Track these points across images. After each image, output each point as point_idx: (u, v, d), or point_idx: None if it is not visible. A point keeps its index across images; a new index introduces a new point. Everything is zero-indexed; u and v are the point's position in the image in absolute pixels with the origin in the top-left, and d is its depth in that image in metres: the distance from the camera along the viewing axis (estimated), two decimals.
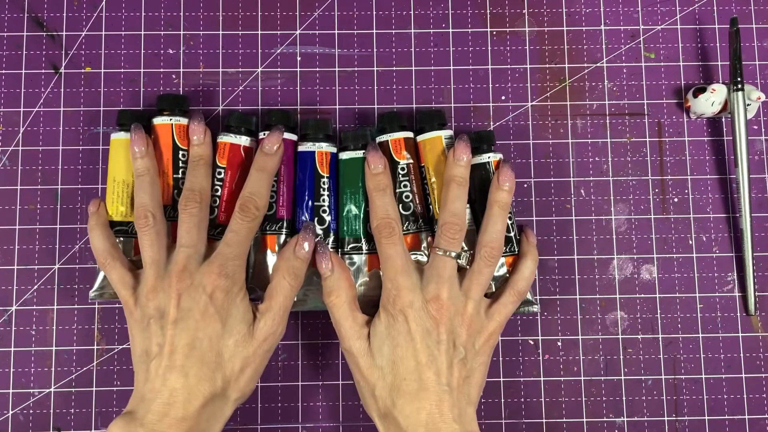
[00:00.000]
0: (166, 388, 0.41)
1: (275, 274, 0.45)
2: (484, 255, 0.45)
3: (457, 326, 0.43)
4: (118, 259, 0.45)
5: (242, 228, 0.44)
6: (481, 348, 0.44)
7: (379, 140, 0.48)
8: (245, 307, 0.44)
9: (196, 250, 0.44)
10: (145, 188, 0.45)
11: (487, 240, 0.45)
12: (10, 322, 0.49)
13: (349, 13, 0.53)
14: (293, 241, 0.46)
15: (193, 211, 0.44)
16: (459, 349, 0.43)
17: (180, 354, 0.41)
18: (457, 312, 0.43)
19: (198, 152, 0.47)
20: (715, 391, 0.50)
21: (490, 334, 0.44)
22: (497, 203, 0.46)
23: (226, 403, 0.43)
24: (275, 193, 0.47)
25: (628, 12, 0.53)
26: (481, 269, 0.44)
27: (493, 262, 0.45)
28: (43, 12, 0.52)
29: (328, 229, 0.47)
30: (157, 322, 0.42)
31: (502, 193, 0.46)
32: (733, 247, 0.51)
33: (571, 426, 0.49)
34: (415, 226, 0.47)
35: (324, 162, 0.47)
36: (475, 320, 0.44)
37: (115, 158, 0.47)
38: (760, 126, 0.52)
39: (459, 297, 0.44)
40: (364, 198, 0.47)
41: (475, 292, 0.44)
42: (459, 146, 0.46)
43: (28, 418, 0.49)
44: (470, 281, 0.44)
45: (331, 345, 0.50)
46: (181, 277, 0.43)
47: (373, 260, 0.47)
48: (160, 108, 0.48)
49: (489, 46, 0.53)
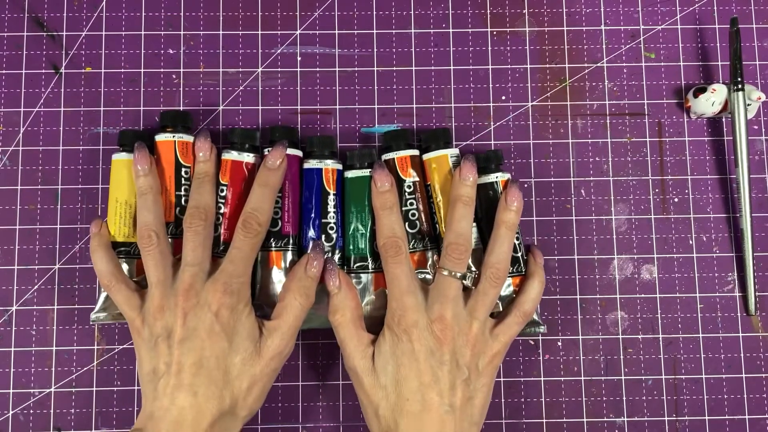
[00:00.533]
0: (175, 407, 0.41)
1: (286, 293, 0.45)
2: (489, 276, 0.44)
3: (461, 346, 0.43)
4: (123, 281, 0.45)
5: (245, 245, 0.44)
6: (485, 369, 0.44)
7: (385, 158, 0.48)
8: (251, 324, 0.44)
9: (201, 269, 0.44)
10: (148, 207, 0.45)
11: (493, 261, 0.45)
12: (10, 322, 0.49)
13: (349, 13, 0.53)
14: (303, 260, 0.46)
15: (199, 229, 0.44)
16: (462, 369, 0.43)
17: (187, 373, 0.41)
18: (462, 332, 0.44)
19: (204, 169, 0.46)
20: (715, 391, 0.50)
21: (494, 355, 0.44)
22: (504, 224, 0.45)
23: (234, 420, 0.43)
24: (280, 210, 0.47)
25: (629, 12, 0.53)
26: (486, 290, 0.44)
27: (498, 283, 0.45)
28: (43, 12, 0.52)
29: (335, 246, 0.47)
30: (165, 341, 0.42)
31: (509, 213, 0.46)
32: (734, 247, 0.51)
33: (572, 426, 0.49)
34: (422, 244, 0.47)
35: (331, 179, 0.47)
36: (480, 340, 0.44)
37: (116, 178, 0.47)
38: (760, 126, 0.52)
39: (464, 317, 0.44)
40: (371, 216, 0.47)
41: (480, 313, 0.44)
42: (465, 166, 0.46)
43: (28, 418, 0.49)
44: (475, 301, 0.44)
45: (331, 345, 0.50)
46: (188, 296, 0.43)
47: (380, 279, 0.47)
48: (163, 124, 0.48)
49: (489, 46, 0.53)
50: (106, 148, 0.51)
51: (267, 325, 0.44)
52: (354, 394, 0.49)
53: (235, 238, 0.44)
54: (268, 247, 0.47)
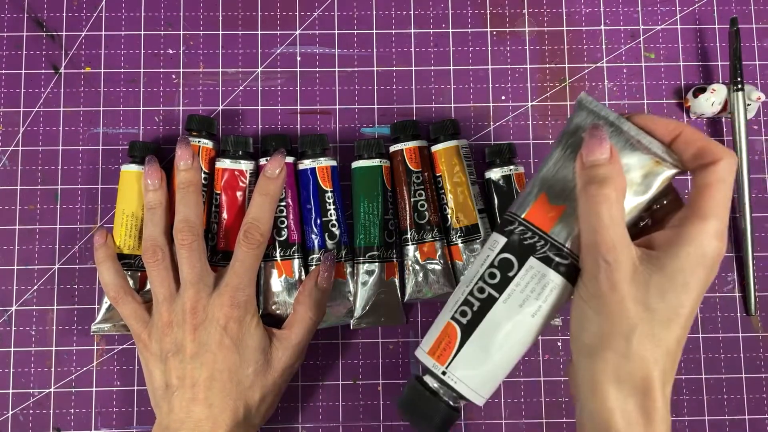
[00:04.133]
0: (191, 419, 0.41)
1: (297, 306, 0.45)
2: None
3: None
4: (130, 294, 0.45)
5: (248, 256, 0.44)
6: None
7: (393, 149, 0.49)
8: (260, 334, 0.44)
9: (204, 283, 0.44)
10: (155, 221, 0.45)
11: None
12: (10, 322, 0.49)
13: (349, 13, 0.53)
14: (314, 273, 0.46)
15: (193, 245, 0.44)
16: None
17: (201, 387, 0.42)
18: None
19: (187, 178, 0.45)
20: (715, 391, 0.50)
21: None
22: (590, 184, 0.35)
23: (248, 428, 0.43)
24: (285, 218, 0.47)
25: (628, 12, 0.53)
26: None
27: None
28: (43, 12, 0.52)
29: (340, 243, 0.47)
30: (175, 357, 0.42)
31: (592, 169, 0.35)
32: (733, 247, 0.51)
33: (571, 426, 0.49)
34: (431, 235, 0.47)
35: (326, 176, 0.47)
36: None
37: (124, 190, 0.47)
38: (760, 126, 0.52)
39: None
40: (382, 205, 0.47)
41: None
42: (591, 142, 0.35)
43: (28, 418, 0.49)
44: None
45: (332, 345, 0.50)
46: (195, 313, 0.43)
47: (391, 268, 0.47)
48: (188, 128, 0.48)
49: (489, 46, 0.53)
50: (105, 148, 0.51)
51: (277, 335, 0.45)
52: (354, 395, 0.49)
53: (237, 250, 0.44)
54: (271, 256, 0.47)
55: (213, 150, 0.48)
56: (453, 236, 0.48)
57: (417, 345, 0.40)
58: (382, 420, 0.49)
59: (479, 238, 0.48)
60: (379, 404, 0.49)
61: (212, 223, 0.47)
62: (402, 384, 0.50)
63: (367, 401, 0.49)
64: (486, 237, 0.48)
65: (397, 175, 0.48)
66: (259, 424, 0.44)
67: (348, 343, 0.50)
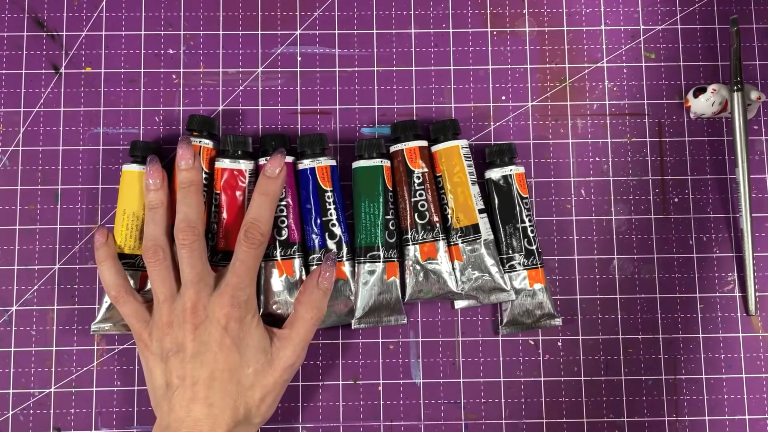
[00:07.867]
0: (191, 418, 0.41)
1: (298, 306, 0.45)
2: None
3: None
4: (131, 293, 0.45)
5: (249, 256, 0.44)
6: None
7: (394, 149, 0.49)
8: (261, 334, 0.44)
9: (205, 283, 0.44)
10: (156, 221, 0.45)
11: None
12: (10, 322, 0.49)
13: (349, 13, 0.53)
14: (315, 273, 0.46)
15: (194, 245, 0.44)
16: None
17: (202, 386, 0.42)
18: None
19: (188, 177, 0.45)
20: (715, 391, 0.50)
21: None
22: None
23: (248, 427, 0.43)
24: (285, 218, 0.47)
25: (628, 12, 0.53)
26: None
27: None
28: (43, 12, 0.52)
29: (340, 242, 0.47)
30: (176, 356, 0.42)
31: None
32: (733, 247, 0.51)
33: (571, 426, 0.49)
34: (431, 234, 0.47)
35: (325, 176, 0.48)
36: None
37: (126, 190, 0.47)
38: (760, 126, 0.52)
39: None
40: (383, 205, 0.47)
41: None
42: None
43: (28, 418, 0.49)
44: None
45: (332, 345, 0.50)
46: (195, 313, 0.43)
47: (392, 268, 0.47)
48: (189, 128, 0.48)
49: (489, 46, 0.53)
50: (106, 148, 0.51)
51: (278, 334, 0.45)
52: (354, 395, 0.49)
53: (237, 249, 0.44)
54: (271, 255, 0.47)
55: (214, 150, 0.48)
56: (453, 236, 0.48)
57: (417, 345, 0.40)
58: (382, 420, 0.49)
59: (479, 238, 0.48)
60: (380, 404, 0.49)
61: (212, 222, 0.47)
62: (402, 384, 0.50)
63: (367, 401, 0.49)
64: (486, 237, 0.48)
65: (398, 175, 0.48)
66: (259, 424, 0.44)
67: (348, 343, 0.50)
